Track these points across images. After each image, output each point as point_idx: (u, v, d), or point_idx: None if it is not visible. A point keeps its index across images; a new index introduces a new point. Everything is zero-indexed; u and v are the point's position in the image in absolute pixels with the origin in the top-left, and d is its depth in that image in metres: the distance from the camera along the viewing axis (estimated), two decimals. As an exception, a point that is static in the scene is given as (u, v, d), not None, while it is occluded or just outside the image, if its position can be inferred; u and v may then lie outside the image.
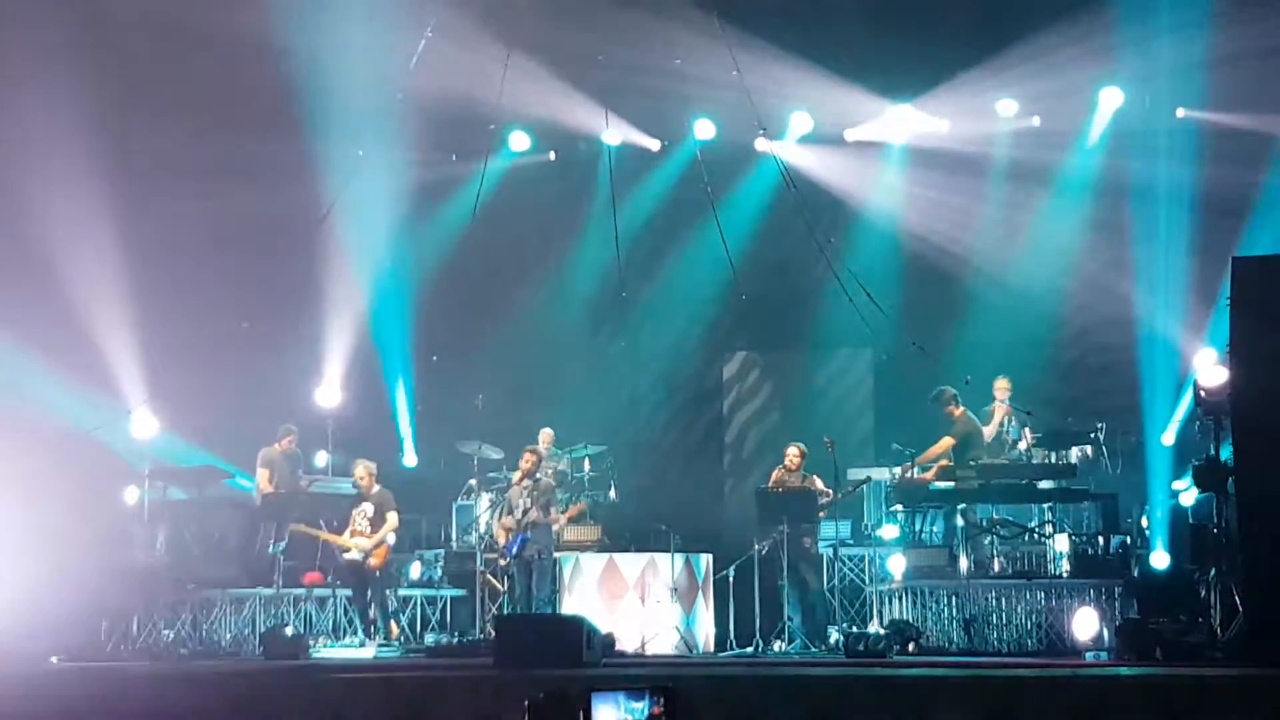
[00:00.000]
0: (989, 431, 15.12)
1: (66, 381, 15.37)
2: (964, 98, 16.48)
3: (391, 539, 14.65)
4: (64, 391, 15.30)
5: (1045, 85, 16.14)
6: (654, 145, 17.76)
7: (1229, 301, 10.97)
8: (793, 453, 14.65)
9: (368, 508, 14.51)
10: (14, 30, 14.18)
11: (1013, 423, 15.26)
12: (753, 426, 18.53)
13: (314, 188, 16.08)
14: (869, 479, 15.08)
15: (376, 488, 14.67)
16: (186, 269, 15.99)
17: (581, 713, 5.08)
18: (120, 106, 15.15)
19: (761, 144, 17.31)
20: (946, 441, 14.49)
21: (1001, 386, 15.33)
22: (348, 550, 14.35)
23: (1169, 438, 14.79)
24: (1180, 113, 16.16)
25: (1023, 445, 15.02)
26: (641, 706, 5.16)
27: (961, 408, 14.74)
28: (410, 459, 17.43)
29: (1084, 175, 16.82)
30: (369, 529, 14.41)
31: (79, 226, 15.60)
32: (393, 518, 14.52)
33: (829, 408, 17.72)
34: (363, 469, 14.70)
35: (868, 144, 17.42)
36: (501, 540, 14.53)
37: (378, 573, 14.36)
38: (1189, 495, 13.32)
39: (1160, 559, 13.08)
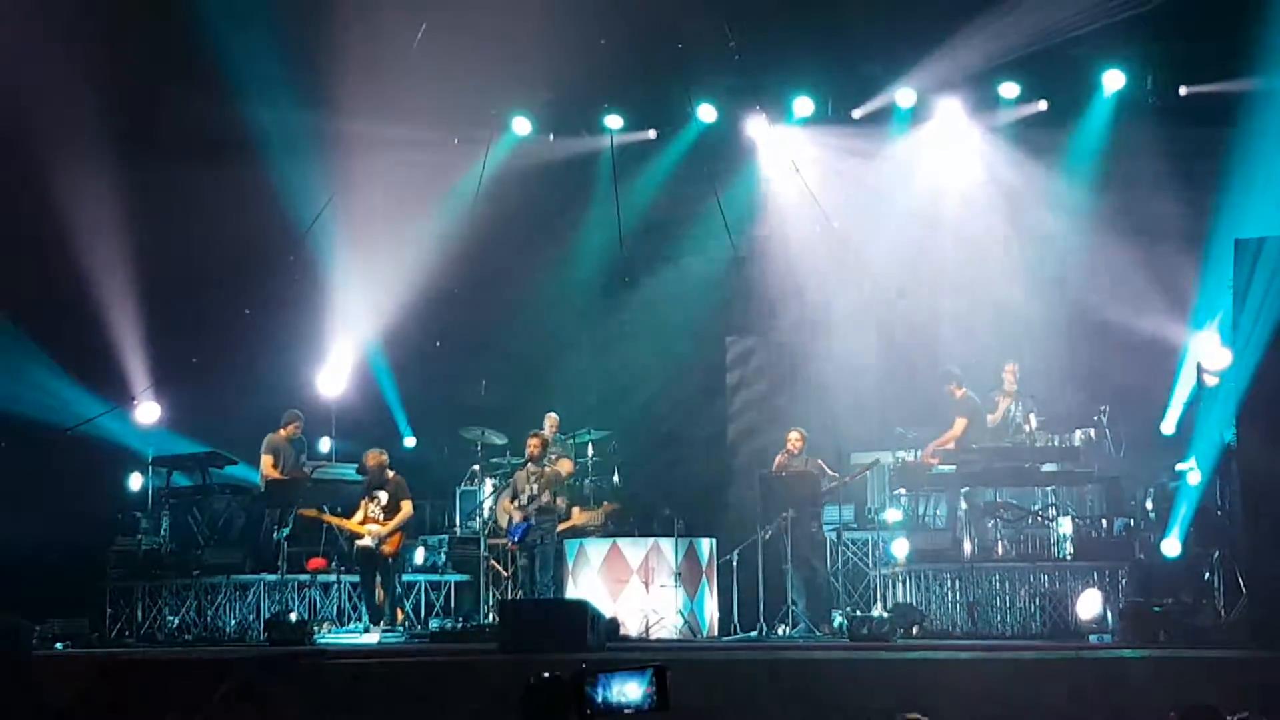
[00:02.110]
0: (996, 417, 15.12)
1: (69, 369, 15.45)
2: (967, 79, 16.42)
3: (404, 527, 14.67)
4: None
5: (1049, 67, 16.10)
6: (652, 134, 17.67)
7: (1232, 283, 10.95)
8: (794, 437, 14.65)
9: (382, 496, 14.45)
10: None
11: (1019, 407, 15.24)
12: (756, 410, 18.47)
13: (316, 174, 16.11)
14: (877, 462, 15.07)
15: (390, 475, 14.63)
16: (189, 255, 15.98)
17: (576, 696, 5.08)
18: (123, 82, 15.12)
19: (763, 127, 17.27)
20: (961, 423, 14.46)
21: (1010, 371, 15.30)
22: (360, 536, 14.33)
23: (1169, 425, 14.75)
24: (1183, 90, 16.09)
25: (1028, 429, 15.00)
26: (638, 687, 5.16)
27: (964, 389, 14.72)
28: (408, 441, 17.37)
29: (1088, 156, 16.76)
30: (382, 516, 14.39)
31: (79, 214, 15.65)
32: (407, 506, 14.47)
33: (833, 391, 17.67)
34: (374, 458, 14.66)
35: (871, 126, 17.33)
36: (505, 525, 14.55)
37: (390, 560, 14.35)
38: (1194, 476, 13.29)
39: (1172, 546, 12.90)
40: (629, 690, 5.12)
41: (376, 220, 16.51)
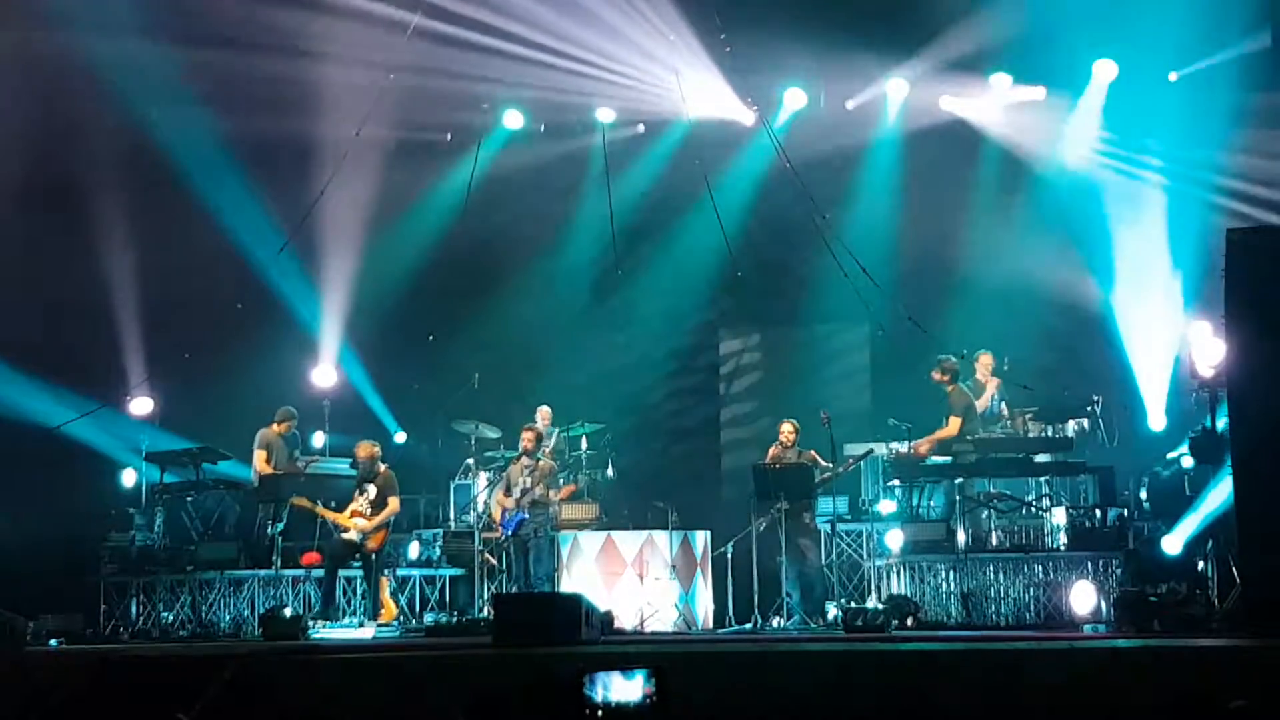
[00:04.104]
0: (980, 405, 15.13)
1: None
2: (957, 71, 16.43)
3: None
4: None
5: (1039, 57, 16.10)
6: (640, 128, 17.65)
7: (1224, 273, 10.92)
8: (787, 429, 14.66)
9: (370, 489, 14.42)
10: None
11: (999, 395, 15.30)
12: (750, 403, 18.51)
13: (309, 167, 16.09)
14: (870, 451, 15.07)
15: (382, 469, 14.58)
16: (182, 250, 15.97)
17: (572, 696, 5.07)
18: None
19: (755, 120, 17.24)
20: (955, 422, 14.47)
21: (985, 363, 15.34)
22: (346, 529, 14.33)
23: (1156, 421, 14.73)
24: (1173, 76, 16.08)
25: (1003, 411, 15.08)
26: (637, 687, 5.16)
27: (956, 383, 14.72)
28: (399, 437, 17.34)
29: (1078, 145, 16.77)
30: (369, 511, 14.36)
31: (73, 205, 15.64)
32: (394, 503, 14.43)
33: (825, 383, 17.70)
34: (366, 449, 14.60)
35: (862, 119, 17.33)
36: (497, 517, 14.55)
37: (373, 556, 14.32)
38: (1186, 460, 13.26)
39: (1173, 544, 12.65)
40: (627, 690, 5.12)
41: (367, 215, 16.52)
